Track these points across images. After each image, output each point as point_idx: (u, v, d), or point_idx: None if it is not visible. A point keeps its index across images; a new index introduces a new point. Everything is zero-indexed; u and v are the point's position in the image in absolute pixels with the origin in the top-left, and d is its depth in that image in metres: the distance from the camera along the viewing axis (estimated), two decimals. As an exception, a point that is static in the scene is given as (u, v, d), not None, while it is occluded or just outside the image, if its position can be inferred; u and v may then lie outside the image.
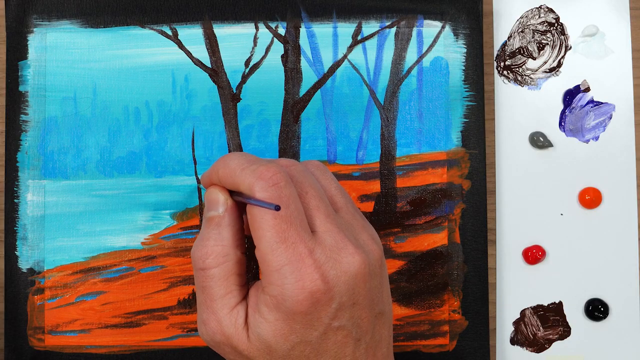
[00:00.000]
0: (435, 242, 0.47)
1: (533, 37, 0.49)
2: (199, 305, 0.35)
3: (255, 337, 0.33)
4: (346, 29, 0.47)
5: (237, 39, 0.47)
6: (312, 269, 0.31)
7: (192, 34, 0.47)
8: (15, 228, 0.47)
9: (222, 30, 0.47)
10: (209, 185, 0.36)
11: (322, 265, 0.31)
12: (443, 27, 0.47)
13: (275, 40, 0.47)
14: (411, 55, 0.47)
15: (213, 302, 0.34)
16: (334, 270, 0.32)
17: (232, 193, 0.35)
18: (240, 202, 0.35)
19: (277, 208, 0.31)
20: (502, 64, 0.49)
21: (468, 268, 0.47)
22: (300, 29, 0.47)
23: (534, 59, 0.49)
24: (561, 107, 0.48)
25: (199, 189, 0.47)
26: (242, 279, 0.35)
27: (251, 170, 0.32)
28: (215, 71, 0.47)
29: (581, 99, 0.48)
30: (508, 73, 0.49)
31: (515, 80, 0.48)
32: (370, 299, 0.33)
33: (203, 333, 0.34)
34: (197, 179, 0.47)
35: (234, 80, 0.47)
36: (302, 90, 0.47)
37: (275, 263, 0.31)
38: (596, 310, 0.47)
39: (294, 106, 0.47)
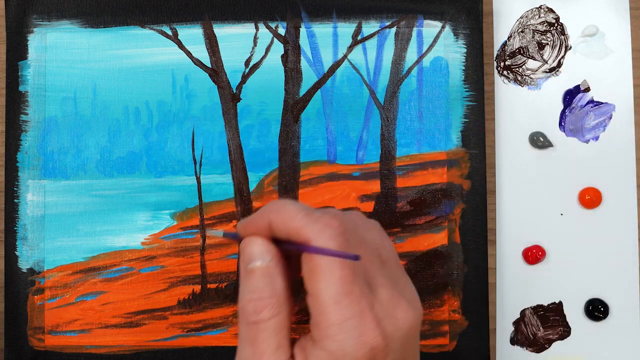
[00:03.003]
0: (435, 242, 0.47)
1: (533, 37, 0.49)
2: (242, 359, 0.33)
3: None
4: (346, 29, 0.47)
5: (237, 39, 0.47)
6: (374, 324, 0.30)
7: (192, 34, 0.47)
8: (15, 228, 0.47)
9: (222, 30, 0.47)
10: (248, 234, 0.34)
11: (381, 321, 0.31)
12: (443, 27, 0.47)
13: (275, 40, 0.47)
14: (411, 55, 0.47)
15: (263, 356, 0.32)
16: (391, 327, 0.31)
17: (280, 243, 0.33)
18: (285, 251, 0.33)
19: (357, 258, 0.30)
20: (502, 64, 0.49)
21: (468, 268, 0.47)
22: (300, 29, 0.47)
23: (534, 59, 0.49)
24: (561, 107, 0.48)
25: (199, 188, 0.47)
26: (291, 333, 0.33)
27: (316, 217, 0.31)
28: (215, 71, 0.47)
29: (581, 99, 0.48)
30: (508, 73, 0.49)
31: (515, 80, 0.48)
32: (414, 354, 0.33)
33: None
34: (197, 178, 0.47)
35: (234, 80, 0.47)
36: (302, 90, 0.47)
37: (339, 316, 0.30)
38: (596, 310, 0.47)
39: (294, 106, 0.47)
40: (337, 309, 0.30)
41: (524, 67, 0.48)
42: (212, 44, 0.47)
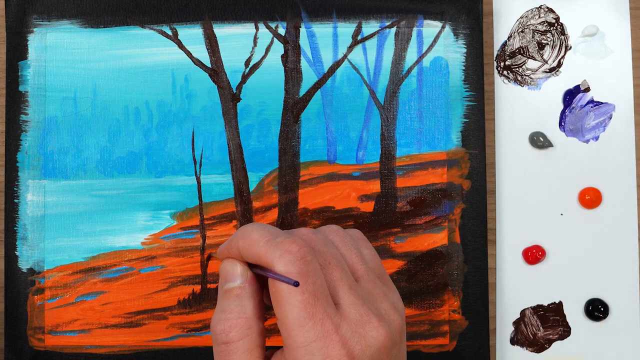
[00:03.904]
0: (435, 242, 0.47)
1: (533, 37, 0.49)
2: None
3: None
4: (346, 29, 0.47)
5: (237, 39, 0.47)
6: (339, 345, 0.31)
7: (192, 34, 0.47)
8: (15, 228, 0.47)
9: (222, 30, 0.47)
10: (225, 258, 0.35)
11: (348, 341, 0.31)
12: (443, 27, 0.47)
13: (275, 40, 0.47)
14: (411, 55, 0.47)
15: None
16: (359, 346, 0.32)
17: (251, 266, 0.34)
18: (259, 275, 0.34)
19: (296, 284, 0.30)
20: (502, 64, 0.49)
21: (468, 268, 0.47)
22: (300, 29, 0.47)
23: (534, 59, 0.49)
24: (561, 107, 0.48)
25: (199, 188, 0.47)
26: (264, 352, 0.34)
27: (277, 243, 0.32)
28: (215, 71, 0.47)
29: (581, 99, 0.48)
30: (508, 73, 0.49)
31: (515, 80, 0.48)
32: None
33: None
34: (197, 178, 0.47)
35: (234, 80, 0.47)
36: (302, 90, 0.47)
37: (303, 339, 0.31)
38: (596, 310, 0.47)
39: (294, 106, 0.47)
40: (301, 332, 0.31)
41: (524, 67, 0.48)
42: (212, 44, 0.47)
